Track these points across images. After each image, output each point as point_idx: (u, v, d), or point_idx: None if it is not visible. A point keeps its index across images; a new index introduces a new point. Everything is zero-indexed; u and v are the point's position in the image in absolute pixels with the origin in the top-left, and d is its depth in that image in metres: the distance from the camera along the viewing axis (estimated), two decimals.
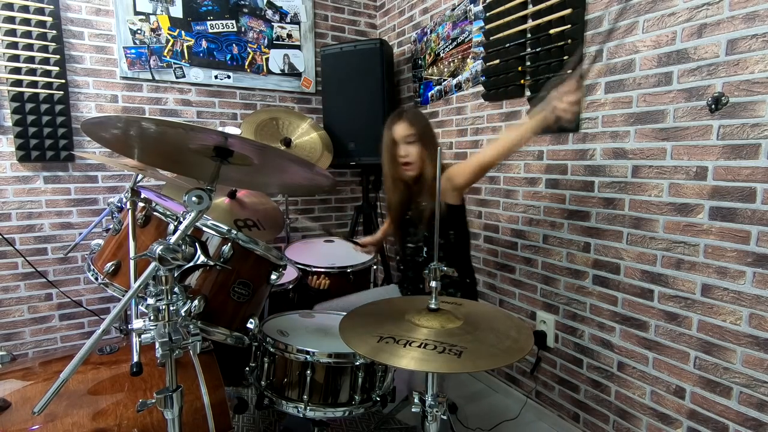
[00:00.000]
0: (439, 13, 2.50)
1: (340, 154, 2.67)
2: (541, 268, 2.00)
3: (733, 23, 1.29)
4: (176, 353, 0.94)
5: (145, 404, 0.95)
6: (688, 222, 1.44)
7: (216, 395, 1.20)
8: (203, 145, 0.97)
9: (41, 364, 1.27)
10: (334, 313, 1.66)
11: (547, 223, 1.95)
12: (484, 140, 2.25)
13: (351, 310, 1.13)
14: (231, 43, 2.64)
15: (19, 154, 2.17)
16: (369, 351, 0.90)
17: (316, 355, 1.26)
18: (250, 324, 1.30)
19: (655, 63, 1.49)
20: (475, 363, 0.86)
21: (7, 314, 2.24)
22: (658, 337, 1.55)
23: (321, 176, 1.18)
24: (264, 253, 1.29)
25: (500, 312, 1.15)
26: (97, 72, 2.34)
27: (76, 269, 2.37)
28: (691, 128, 1.41)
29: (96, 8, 2.31)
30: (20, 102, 2.13)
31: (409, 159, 1.57)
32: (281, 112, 2.62)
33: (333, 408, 1.29)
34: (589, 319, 1.79)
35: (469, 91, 2.32)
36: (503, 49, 2.01)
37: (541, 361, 2.02)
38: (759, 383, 1.30)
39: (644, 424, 1.61)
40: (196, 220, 0.96)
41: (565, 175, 1.85)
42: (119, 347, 1.30)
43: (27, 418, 1.04)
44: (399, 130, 1.58)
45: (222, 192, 2.18)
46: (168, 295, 0.93)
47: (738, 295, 1.33)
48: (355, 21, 3.07)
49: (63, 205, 2.32)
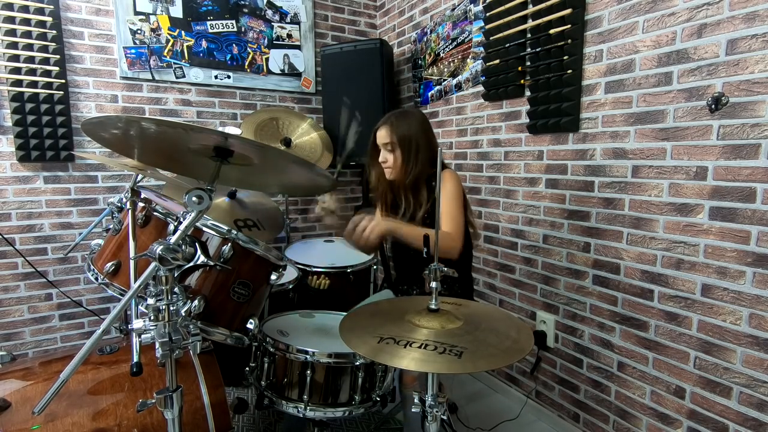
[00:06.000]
0: (439, 13, 2.50)
1: (340, 154, 2.67)
2: (541, 268, 2.00)
3: (733, 23, 1.29)
4: (176, 353, 0.94)
5: (145, 404, 0.95)
6: (688, 222, 1.44)
7: (216, 395, 1.20)
8: (203, 145, 0.97)
9: (41, 364, 1.26)
10: (334, 313, 1.66)
11: (547, 223, 1.95)
12: (484, 140, 2.25)
13: (350, 311, 1.13)
14: (231, 43, 2.64)
15: (19, 154, 2.16)
16: (369, 351, 0.90)
17: (316, 355, 1.26)
18: (250, 324, 1.30)
19: (655, 63, 1.49)
20: (476, 363, 0.85)
21: (7, 314, 2.24)
22: (658, 337, 1.55)
23: (321, 176, 1.18)
24: (264, 253, 1.29)
25: (500, 312, 1.15)
26: (97, 72, 2.34)
27: (76, 269, 2.37)
28: (691, 128, 1.41)
29: (96, 8, 2.31)
30: (20, 102, 2.13)
31: (387, 165, 1.55)
32: (281, 112, 2.62)
33: (333, 408, 1.29)
34: (589, 319, 1.79)
35: (469, 91, 2.32)
36: (503, 49, 2.01)
37: (541, 361, 2.02)
38: (759, 383, 1.30)
39: (644, 424, 1.61)
40: (196, 220, 0.96)
41: (565, 175, 1.85)
42: (119, 347, 1.30)
43: (27, 418, 1.04)
44: (380, 135, 1.56)
45: (222, 192, 2.18)
46: (168, 295, 0.93)
47: (738, 295, 1.33)
48: (355, 21, 3.07)
49: (63, 205, 2.32)
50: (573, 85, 1.73)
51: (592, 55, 1.69)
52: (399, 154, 1.52)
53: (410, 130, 1.52)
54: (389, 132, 1.52)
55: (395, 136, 1.51)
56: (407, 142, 1.51)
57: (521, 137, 2.04)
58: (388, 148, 1.54)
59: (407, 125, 1.53)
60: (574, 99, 1.74)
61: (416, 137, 1.52)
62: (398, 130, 1.52)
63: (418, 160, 1.51)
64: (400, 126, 1.53)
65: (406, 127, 1.53)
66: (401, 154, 1.52)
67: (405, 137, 1.51)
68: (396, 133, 1.51)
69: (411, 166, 1.51)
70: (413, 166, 1.51)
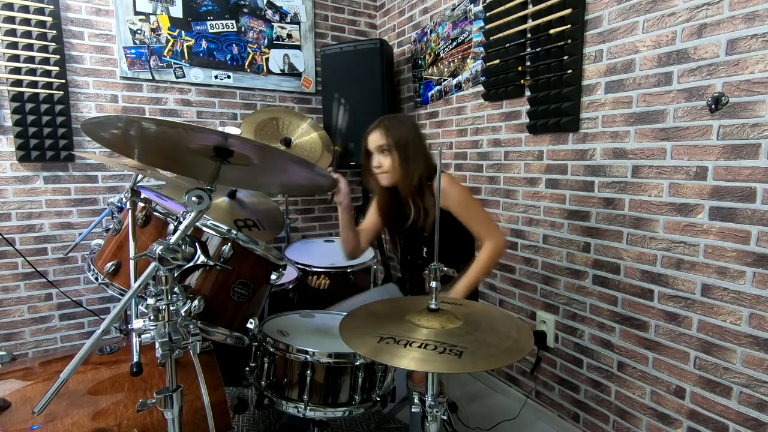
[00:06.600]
0: (439, 13, 2.50)
1: (340, 154, 2.67)
2: (541, 268, 2.00)
3: (733, 23, 1.29)
4: (176, 353, 0.94)
5: (145, 404, 0.95)
6: (688, 222, 1.44)
7: (216, 395, 1.20)
8: (203, 145, 0.97)
9: (41, 364, 1.27)
10: (334, 313, 1.66)
11: (547, 223, 1.95)
12: (484, 140, 2.25)
13: (351, 309, 1.13)
14: (231, 43, 2.64)
15: (19, 154, 2.16)
16: (369, 351, 0.90)
17: (316, 355, 1.26)
18: (250, 324, 1.30)
19: (655, 63, 1.49)
20: (476, 363, 0.85)
21: (7, 314, 2.24)
22: (658, 337, 1.55)
23: (321, 176, 1.18)
24: (264, 253, 1.29)
25: (500, 312, 1.15)
26: (97, 72, 2.34)
27: (76, 269, 2.37)
28: (691, 128, 1.41)
29: (96, 8, 2.31)
30: (20, 102, 2.13)
31: (382, 170, 1.50)
32: (281, 112, 2.62)
33: (333, 408, 1.29)
34: (589, 319, 1.79)
35: (469, 91, 2.32)
36: (503, 49, 2.01)
37: (541, 361, 2.02)
38: (759, 383, 1.30)
39: (644, 424, 1.61)
40: (196, 220, 0.96)
41: (565, 175, 1.85)
42: (119, 347, 1.30)
43: (27, 418, 1.04)
44: (372, 139, 1.51)
45: (222, 192, 2.18)
46: (168, 295, 0.94)
47: (738, 295, 1.33)
48: (355, 21, 3.07)
49: (63, 205, 2.32)
50: (573, 85, 1.73)
51: (592, 55, 1.69)
52: (396, 156, 1.48)
53: (405, 131, 1.50)
54: (383, 134, 1.48)
55: (390, 138, 1.47)
56: (403, 143, 1.47)
57: (521, 137, 2.04)
58: (383, 150, 1.49)
59: (400, 126, 1.50)
60: (574, 99, 1.74)
61: (412, 138, 1.49)
62: (392, 132, 1.48)
63: (417, 162, 1.48)
64: (394, 127, 1.49)
65: (399, 128, 1.50)
66: (398, 155, 1.47)
67: (401, 138, 1.47)
68: (391, 135, 1.47)
69: (412, 167, 1.47)
70: (414, 167, 1.47)
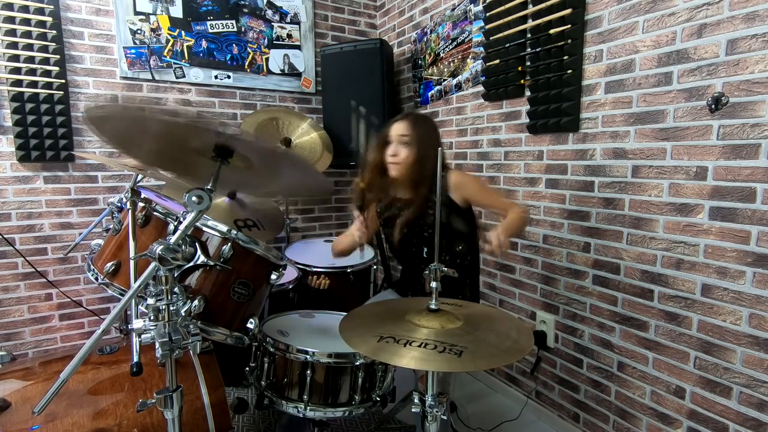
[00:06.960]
0: (439, 13, 2.50)
1: (340, 154, 2.67)
2: (541, 268, 2.00)
3: (733, 23, 1.29)
4: (176, 353, 0.94)
5: (145, 404, 0.95)
6: (688, 222, 1.44)
7: (216, 395, 1.20)
8: (205, 143, 0.96)
9: (41, 364, 1.27)
10: (334, 313, 1.66)
11: (547, 223, 1.95)
12: (484, 140, 2.25)
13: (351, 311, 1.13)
14: (231, 43, 2.64)
15: (19, 154, 2.16)
16: (369, 350, 0.90)
17: (316, 355, 1.26)
18: (250, 324, 1.30)
19: (655, 63, 1.49)
20: (475, 363, 0.86)
21: (7, 314, 2.24)
22: (658, 337, 1.55)
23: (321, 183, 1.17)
24: (264, 253, 1.29)
25: (500, 312, 1.15)
26: (97, 72, 2.34)
27: (76, 269, 2.37)
28: (691, 128, 1.41)
29: (96, 8, 2.31)
30: (20, 102, 2.13)
31: (397, 159, 1.51)
32: (281, 112, 2.62)
33: (333, 408, 1.29)
34: (589, 319, 1.79)
35: (469, 91, 2.32)
36: (503, 49, 2.01)
37: (541, 361, 2.02)
38: (759, 383, 1.30)
39: (644, 424, 1.61)
40: (196, 220, 0.95)
41: (565, 175, 1.85)
42: (119, 347, 1.30)
43: (27, 418, 1.04)
44: (397, 127, 1.53)
45: (222, 192, 2.18)
46: (168, 295, 0.93)
47: (738, 295, 1.33)
48: (355, 21, 3.07)
49: (63, 205, 2.32)
50: (573, 85, 1.73)
51: (592, 55, 1.69)
52: (414, 151, 1.49)
53: (430, 131, 1.55)
54: (410, 126, 1.51)
55: (415, 132, 1.50)
56: (426, 142, 1.50)
57: (521, 137, 2.04)
58: (404, 140, 1.50)
59: (426, 125, 1.55)
60: (574, 99, 1.74)
61: (433, 141, 1.52)
62: (419, 128, 1.51)
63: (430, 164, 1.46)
64: (421, 125, 1.53)
65: (425, 127, 1.54)
66: (417, 151, 1.49)
67: (425, 136, 1.51)
68: (416, 130, 1.50)
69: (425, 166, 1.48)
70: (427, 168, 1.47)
